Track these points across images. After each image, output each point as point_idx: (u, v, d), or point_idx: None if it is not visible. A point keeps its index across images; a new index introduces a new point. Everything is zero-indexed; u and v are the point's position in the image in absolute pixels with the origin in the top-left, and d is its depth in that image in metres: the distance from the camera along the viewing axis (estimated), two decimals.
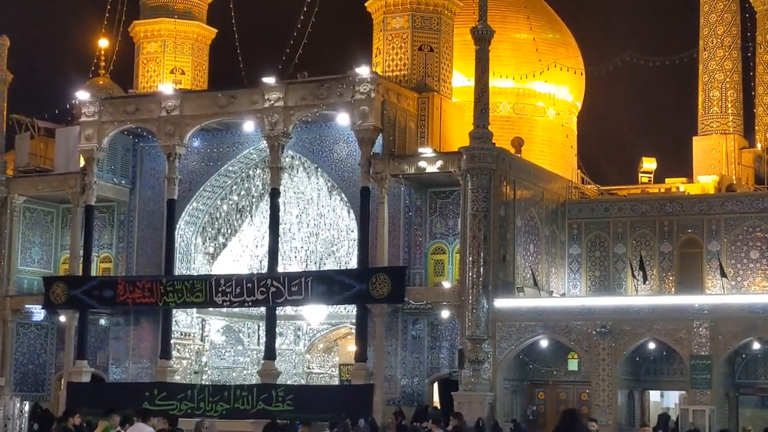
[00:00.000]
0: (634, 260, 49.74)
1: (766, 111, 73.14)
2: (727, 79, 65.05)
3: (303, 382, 55.00)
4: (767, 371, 46.85)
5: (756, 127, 71.75)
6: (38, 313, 53.95)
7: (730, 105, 64.76)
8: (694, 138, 63.96)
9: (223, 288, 49.54)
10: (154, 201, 53.33)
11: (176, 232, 52.06)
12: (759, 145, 68.28)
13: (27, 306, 53.76)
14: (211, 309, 52.88)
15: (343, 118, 48.93)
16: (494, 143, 46.75)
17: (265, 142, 50.23)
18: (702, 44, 65.69)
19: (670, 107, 74.72)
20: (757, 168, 63.67)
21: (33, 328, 55.15)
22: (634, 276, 49.58)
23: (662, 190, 58.51)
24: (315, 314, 53.84)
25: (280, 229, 50.79)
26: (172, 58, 58.07)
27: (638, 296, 48.49)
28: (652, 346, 45.81)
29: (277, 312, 50.13)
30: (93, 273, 53.11)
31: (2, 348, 53.45)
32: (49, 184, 53.96)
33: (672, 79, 68.40)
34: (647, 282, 49.46)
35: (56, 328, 55.01)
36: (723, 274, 48.43)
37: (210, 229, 54.24)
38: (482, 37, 46.61)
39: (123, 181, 54.03)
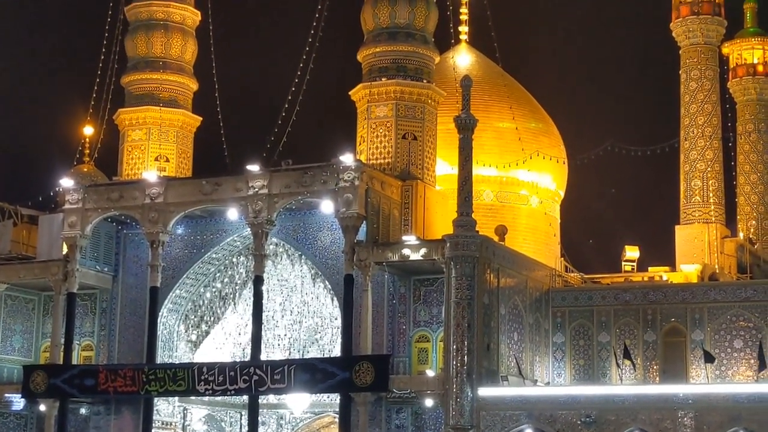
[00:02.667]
0: (618, 349, 49.56)
1: (747, 200, 73.65)
2: (708, 169, 65.48)
3: None
4: None
5: (738, 216, 72.18)
6: (18, 402, 53.20)
7: (711, 194, 65.12)
8: (677, 227, 64.19)
9: (206, 376, 49.11)
10: (136, 288, 53.03)
11: (159, 320, 51.71)
12: (741, 234, 68.63)
13: (6, 395, 53.09)
14: (193, 398, 52.39)
15: (327, 206, 48.92)
16: (478, 231, 46.71)
17: (248, 229, 50.12)
18: (683, 134, 66.27)
19: (653, 196, 75.25)
20: (740, 257, 63.84)
21: (12, 418, 54.44)
22: (618, 365, 49.40)
23: (645, 279, 58.55)
24: (298, 403, 53.30)
25: (264, 317, 50.49)
26: (156, 146, 58.26)
27: (623, 385, 48.22)
28: None
29: (259, 400, 49.65)
30: (74, 361, 52.55)
31: None
32: (31, 271, 53.57)
33: (654, 168, 68.93)
34: (634, 371, 49.28)
35: (36, 417, 54.18)
36: (709, 360, 48.26)
37: (193, 317, 53.95)
38: (465, 126, 46.89)
39: (106, 269, 53.78)
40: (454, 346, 45.47)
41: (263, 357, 50.01)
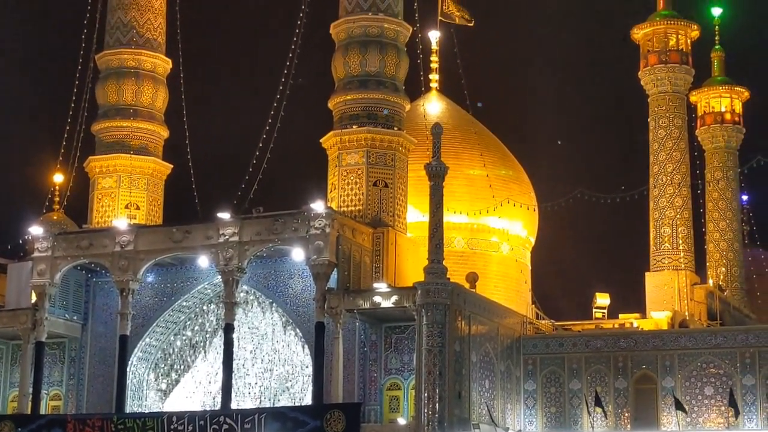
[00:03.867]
0: (589, 396, 49.55)
1: (716, 247, 74.21)
2: (678, 216, 65.94)
3: None
4: None
5: (707, 263, 72.68)
6: None
7: (680, 241, 65.52)
8: (647, 273, 64.55)
9: (176, 425, 48.56)
10: (106, 337, 52.65)
11: (128, 369, 51.32)
12: (710, 281, 69.04)
13: None
14: None
15: (297, 254, 48.87)
16: (449, 278, 46.74)
17: (219, 277, 49.97)
18: (652, 181, 66.77)
19: (623, 243, 75.49)
20: (710, 304, 64.15)
21: None
22: (589, 412, 49.39)
23: (616, 326, 58.61)
24: None
25: (234, 365, 50.19)
26: (127, 193, 58.09)
27: None
28: None
29: None
30: (42, 411, 51.90)
31: None
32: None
33: (624, 215, 69.18)
34: (605, 418, 49.25)
35: None
36: (679, 408, 48.32)
37: (163, 365, 53.57)
38: (436, 173, 47.04)
39: (75, 317, 53.39)
40: (426, 394, 45.33)
41: (234, 406, 49.64)
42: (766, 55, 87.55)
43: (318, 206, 48.65)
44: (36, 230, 53.01)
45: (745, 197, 76.33)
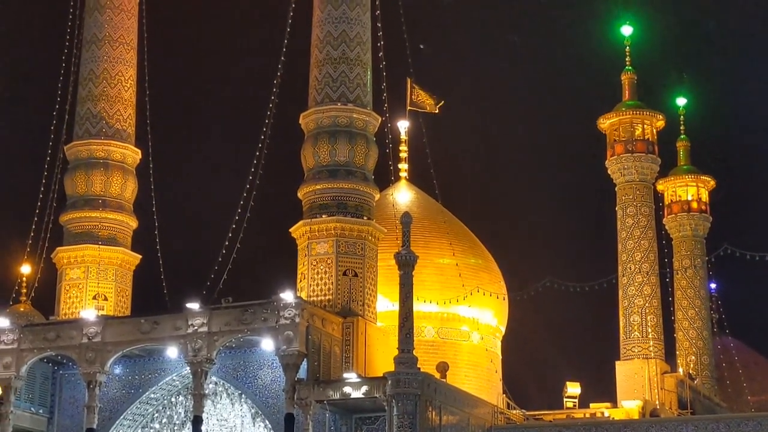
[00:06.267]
0: None
1: (686, 335, 74.23)
2: (647, 304, 65.97)
3: None
4: None
5: (677, 352, 72.60)
6: None
7: (650, 330, 65.47)
8: (617, 362, 64.37)
9: None
10: (72, 430, 51.93)
11: None
12: (681, 370, 68.90)
13: None
14: None
15: (267, 344, 48.53)
16: (419, 368, 46.41)
17: (188, 368, 49.47)
18: (621, 270, 66.88)
19: (593, 331, 75.44)
20: (680, 393, 63.99)
21: None
22: None
23: (587, 415, 58.35)
24: None
25: None
26: (95, 284, 57.75)
27: None
28: None
29: None
30: None
31: None
32: None
33: (593, 304, 69.20)
34: None
35: None
36: None
37: None
38: (406, 262, 46.98)
39: (41, 410, 52.71)
40: None
41: None
42: (732, 143, 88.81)
43: (287, 296, 48.43)
44: (2, 322, 52.46)
45: (713, 285, 76.68)
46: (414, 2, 62.52)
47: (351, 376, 48.43)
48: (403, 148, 66.03)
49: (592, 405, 60.42)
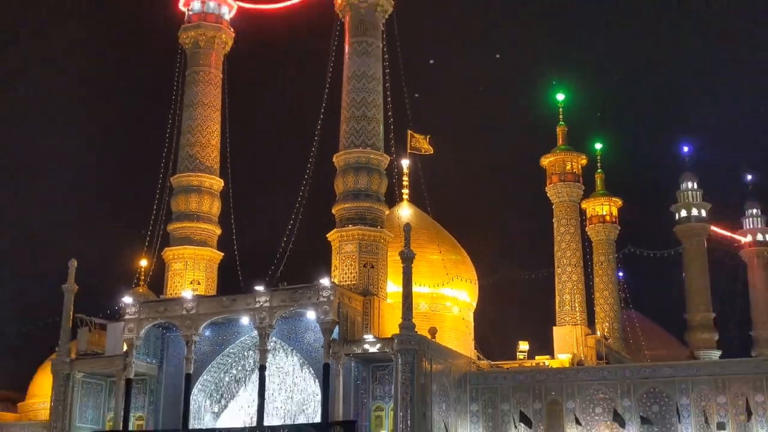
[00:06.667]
0: (515, 415, 49.39)
1: (602, 309, 74.42)
2: (574, 287, 66.21)
3: None
4: None
5: (596, 320, 72.75)
6: None
7: (577, 305, 65.75)
8: (554, 327, 64.56)
9: None
10: (175, 375, 52.33)
11: (191, 397, 50.94)
12: (598, 333, 69.12)
13: None
14: None
15: (311, 314, 48.94)
16: (416, 332, 46.87)
17: (255, 331, 49.93)
18: (557, 263, 67.21)
19: (537, 306, 75.27)
20: (598, 349, 64.16)
21: None
22: (515, 426, 49.18)
23: (533, 364, 58.54)
24: None
25: (266, 394, 49.86)
26: (191, 273, 58.05)
27: None
28: None
29: None
30: (130, 428, 51.45)
31: None
32: (100, 364, 52.99)
33: (537, 286, 69.32)
34: (530, 430, 48.99)
35: None
36: (578, 422, 48.21)
37: (215, 395, 53.14)
38: (407, 258, 47.44)
39: (153, 361, 53.14)
40: (401, 414, 45.28)
41: (266, 423, 49.33)
42: (635, 174, 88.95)
43: (325, 281, 48.89)
44: (127, 300, 53.03)
45: (620, 274, 76.74)
46: (413, 66, 62.67)
47: (369, 337, 48.79)
48: (405, 178, 66.02)
49: (537, 357, 60.64)
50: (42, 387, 64.24)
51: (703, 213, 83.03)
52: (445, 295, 61.76)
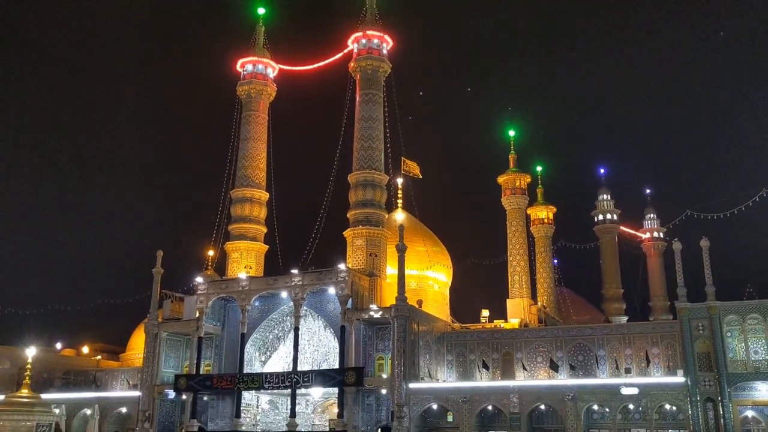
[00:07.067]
0: (479, 363, 48.71)
1: (542, 286, 73.60)
2: (522, 271, 65.54)
3: (310, 430, 52.21)
4: (549, 420, 45.38)
5: (537, 294, 72.01)
6: (171, 394, 51.19)
7: (524, 283, 65.17)
8: (507, 299, 63.95)
9: (269, 379, 47.63)
10: (233, 334, 51.65)
11: (245, 350, 50.26)
12: (539, 303, 68.38)
13: (166, 390, 51.06)
14: (262, 390, 50.51)
15: (332, 290, 48.38)
16: (408, 303, 46.20)
17: (292, 303, 49.27)
18: (509, 253, 66.46)
19: (495, 284, 74.57)
20: (539, 315, 63.57)
21: (168, 403, 52.21)
22: (479, 371, 48.51)
23: (492, 326, 57.96)
24: (317, 392, 51.55)
25: (300, 348, 49.27)
26: (245, 260, 57.45)
27: (482, 381, 47.33)
28: (489, 407, 44.45)
29: (297, 391, 47.97)
30: (201, 372, 50.72)
31: (153, 412, 50.47)
32: (179, 326, 52.16)
33: (496, 271, 68.78)
34: (489, 373, 48.21)
35: (180, 402, 52.06)
36: (524, 368, 47.39)
37: (262, 348, 52.46)
38: (401, 250, 46.86)
39: (217, 324, 52.36)
40: (396, 362, 44.61)
41: (299, 368, 48.61)
42: (565, 188, 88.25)
43: (342, 266, 48.30)
44: (199, 279, 52.37)
45: (555, 261, 76.17)
46: (407, 99, 62.11)
47: (373, 307, 48.12)
48: (400, 192, 65.60)
49: (495, 321, 59.98)
50: (137, 342, 63.71)
51: (615, 217, 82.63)
52: (429, 276, 61.15)
